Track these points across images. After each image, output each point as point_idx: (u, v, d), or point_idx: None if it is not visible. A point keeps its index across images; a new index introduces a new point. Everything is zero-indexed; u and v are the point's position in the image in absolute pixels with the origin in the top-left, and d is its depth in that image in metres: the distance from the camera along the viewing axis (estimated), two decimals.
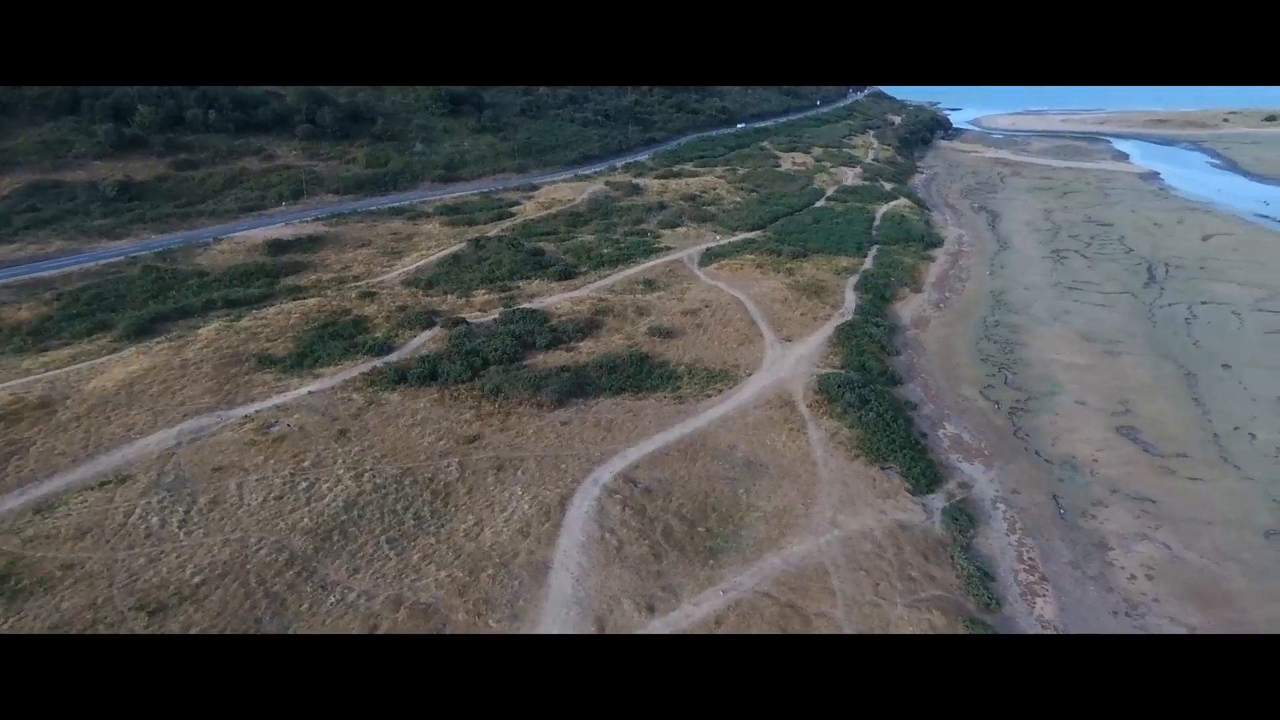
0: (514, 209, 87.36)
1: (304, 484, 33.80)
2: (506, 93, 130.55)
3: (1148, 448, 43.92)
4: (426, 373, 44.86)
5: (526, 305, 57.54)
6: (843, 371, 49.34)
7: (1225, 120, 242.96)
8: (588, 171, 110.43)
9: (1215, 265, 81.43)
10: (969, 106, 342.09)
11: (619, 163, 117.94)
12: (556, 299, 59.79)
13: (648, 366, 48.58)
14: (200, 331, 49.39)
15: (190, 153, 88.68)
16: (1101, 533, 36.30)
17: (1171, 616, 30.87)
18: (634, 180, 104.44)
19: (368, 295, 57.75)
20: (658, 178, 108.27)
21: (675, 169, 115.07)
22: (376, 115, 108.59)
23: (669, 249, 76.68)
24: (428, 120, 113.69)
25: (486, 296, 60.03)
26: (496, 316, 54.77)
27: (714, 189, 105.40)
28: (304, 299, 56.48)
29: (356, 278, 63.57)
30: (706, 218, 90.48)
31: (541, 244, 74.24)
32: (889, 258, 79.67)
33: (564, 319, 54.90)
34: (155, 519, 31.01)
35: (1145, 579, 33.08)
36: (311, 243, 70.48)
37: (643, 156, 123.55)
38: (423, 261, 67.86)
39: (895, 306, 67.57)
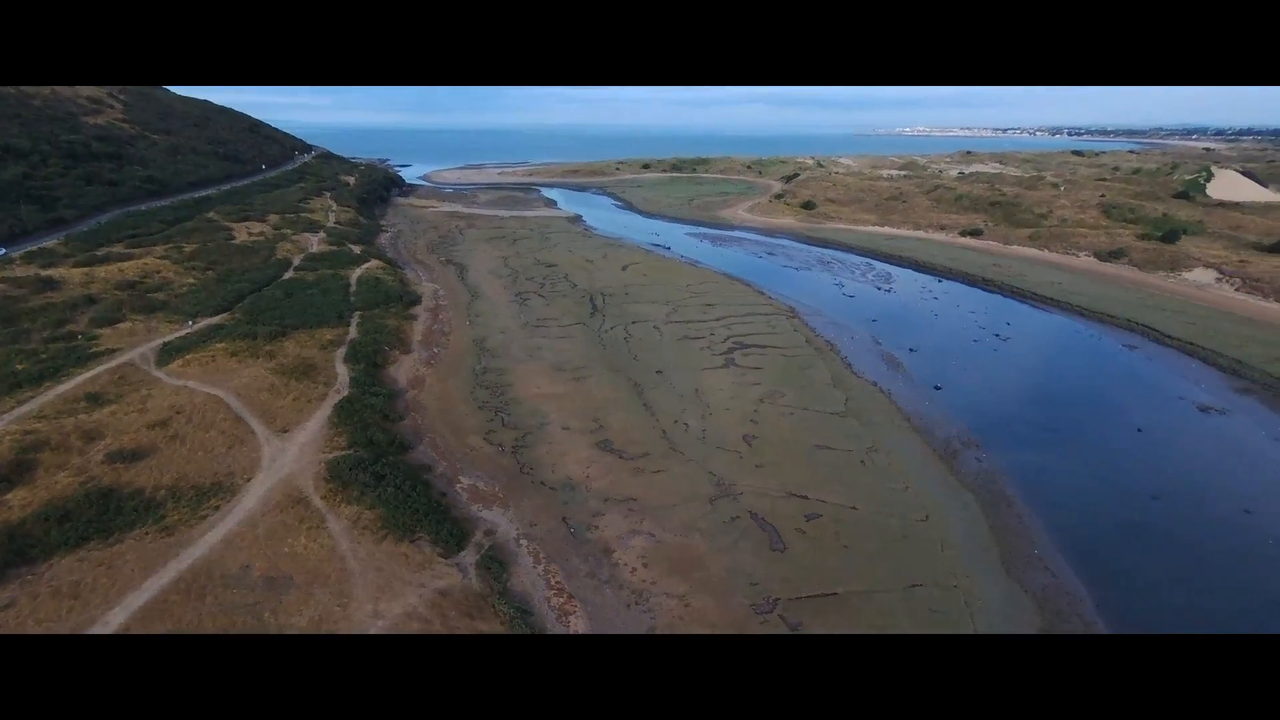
0: None
1: None
2: None
3: (621, 455, 52.70)
4: None
5: None
6: (351, 452, 48.13)
7: (617, 169, 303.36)
8: None
9: (635, 290, 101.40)
10: (417, 162, 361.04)
11: (15, 252, 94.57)
12: None
13: (115, 502, 40.40)
14: None
15: None
16: (605, 539, 42.46)
17: (666, 592, 37.78)
18: (43, 272, 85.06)
19: None
20: (78, 265, 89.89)
21: (101, 253, 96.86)
22: None
23: (113, 351, 64.54)
24: None
25: None
26: None
27: (158, 272, 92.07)
28: None
29: None
30: (155, 307, 78.55)
31: None
32: (373, 323, 79.90)
33: None
34: None
35: (643, 567, 39.80)
36: None
37: (50, 241, 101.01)
38: None
39: (389, 371, 68.28)
